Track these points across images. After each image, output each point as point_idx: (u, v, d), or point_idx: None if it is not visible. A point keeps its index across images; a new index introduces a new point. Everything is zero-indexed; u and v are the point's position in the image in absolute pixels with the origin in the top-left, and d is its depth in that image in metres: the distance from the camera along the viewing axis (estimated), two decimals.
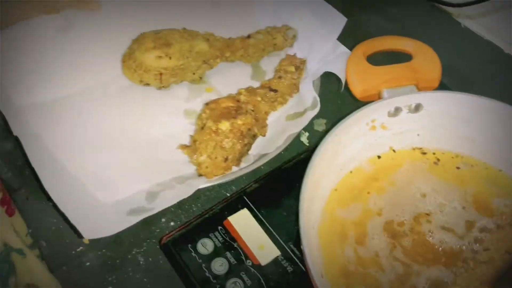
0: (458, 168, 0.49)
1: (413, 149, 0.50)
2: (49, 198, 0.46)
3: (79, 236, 0.44)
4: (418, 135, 0.50)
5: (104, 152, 0.52)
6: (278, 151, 0.51)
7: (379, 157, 0.50)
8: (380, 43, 0.53)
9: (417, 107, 0.48)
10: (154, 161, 0.52)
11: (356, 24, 0.57)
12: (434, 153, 0.50)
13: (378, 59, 0.55)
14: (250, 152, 0.52)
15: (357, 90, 0.50)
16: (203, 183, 0.49)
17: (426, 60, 0.51)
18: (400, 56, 0.56)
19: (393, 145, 0.50)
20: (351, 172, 0.49)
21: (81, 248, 0.49)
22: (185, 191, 0.48)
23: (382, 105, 0.48)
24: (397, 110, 0.48)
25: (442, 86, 0.54)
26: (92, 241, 0.49)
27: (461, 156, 0.49)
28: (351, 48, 0.56)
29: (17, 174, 0.54)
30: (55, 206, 0.46)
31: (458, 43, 0.67)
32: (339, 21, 0.56)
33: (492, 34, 0.66)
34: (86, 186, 0.49)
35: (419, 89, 0.50)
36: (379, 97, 0.51)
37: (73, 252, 0.49)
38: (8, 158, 0.55)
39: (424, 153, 0.50)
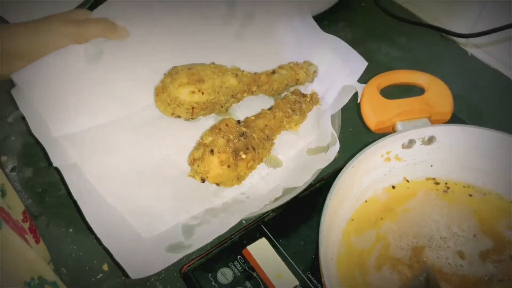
0: (470, 195, 0.50)
1: (427, 179, 0.51)
2: (90, 230, 0.47)
3: (126, 275, 0.44)
4: (431, 166, 0.51)
5: (139, 184, 0.52)
6: (306, 185, 0.52)
7: (393, 187, 0.51)
8: (394, 77, 0.54)
9: (430, 139, 0.50)
10: (186, 192, 0.52)
11: (367, 53, 0.58)
12: (446, 183, 0.51)
13: (387, 91, 0.56)
14: (278, 185, 0.52)
15: (372, 123, 0.52)
16: (238, 218, 0.49)
17: (439, 94, 0.52)
18: (409, 88, 0.57)
19: (407, 175, 0.51)
20: (366, 201, 0.50)
21: (101, 275, 0.50)
22: (221, 227, 0.48)
23: (397, 138, 0.49)
24: (411, 142, 0.50)
25: (453, 116, 0.55)
26: (112, 268, 0.50)
27: (473, 187, 0.51)
28: (362, 76, 0.57)
29: (37, 201, 0.55)
30: (97, 239, 0.46)
31: (466, 72, 0.68)
32: (360, 65, 0.56)
33: (500, 63, 0.67)
34: (125, 218, 0.49)
35: (432, 121, 0.52)
36: (392, 129, 0.52)
37: (93, 279, 0.49)
38: (28, 185, 0.56)
39: (437, 183, 0.51)
